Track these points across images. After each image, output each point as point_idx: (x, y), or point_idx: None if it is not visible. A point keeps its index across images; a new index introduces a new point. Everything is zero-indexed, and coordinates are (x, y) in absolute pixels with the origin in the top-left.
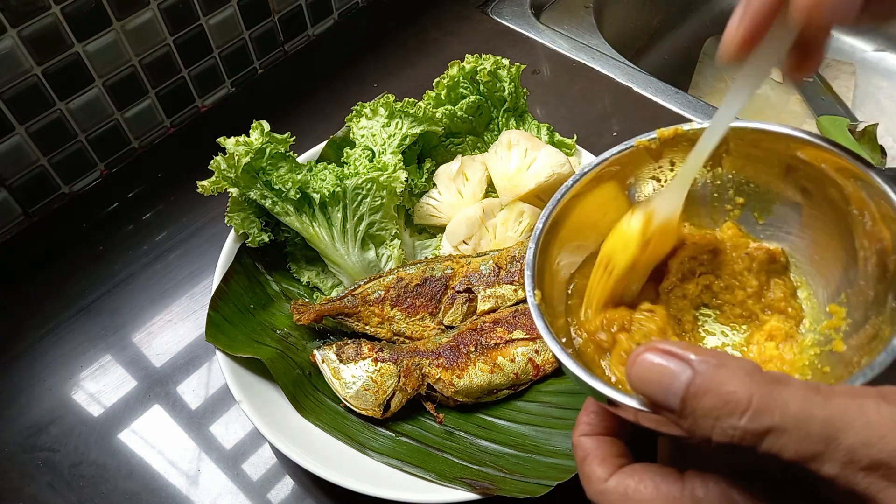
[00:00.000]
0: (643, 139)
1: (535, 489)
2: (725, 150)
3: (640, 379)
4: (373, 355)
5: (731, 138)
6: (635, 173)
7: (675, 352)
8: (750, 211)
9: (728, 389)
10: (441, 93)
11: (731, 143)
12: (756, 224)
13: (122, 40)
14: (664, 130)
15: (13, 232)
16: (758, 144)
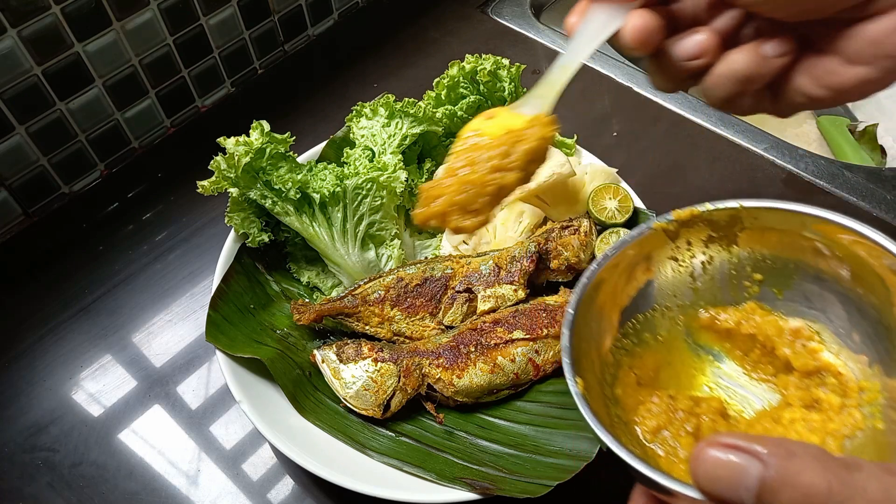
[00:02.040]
0: (661, 221)
1: (535, 489)
2: (741, 228)
3: (707, 477)
4: (373, 355)
5: (745, 217)
6: (654, 254)
7: (740, 445)
8: (769, 287)
9: (805, 481)
10: (441, 93)
11: (746, 221)
12: (776, 299)
13: (122, 40)
14: (680, 212)
15: (13, 232)
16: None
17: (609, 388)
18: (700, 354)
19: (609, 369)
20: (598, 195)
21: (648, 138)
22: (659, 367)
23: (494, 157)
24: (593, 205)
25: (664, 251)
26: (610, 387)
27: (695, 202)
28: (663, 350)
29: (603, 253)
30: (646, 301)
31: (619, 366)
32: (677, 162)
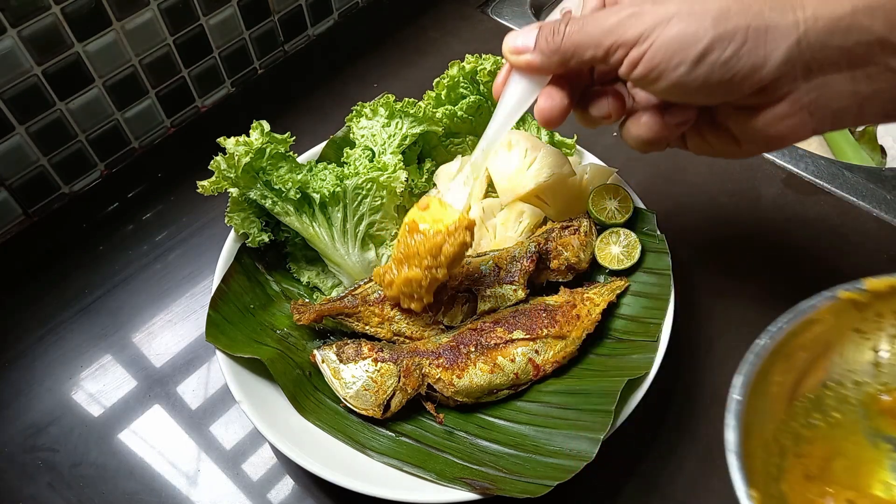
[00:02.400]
0: (850, 291)
1: (535, 489)
2: None
3: None
4: (373, 355)
5: None
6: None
7: None
8: None
9: None
10: (441, 93)
11: None
12: None
13: (122, 40)
14: (875, 282)
15: (13, 232)
16: None
17: (774, 484)
18: (878, 444)
19: (773, 459)
20: (598, 195)
21: None
22: (830, 456)
23: (426, 258)
24: (593, 205)
25: (848, 322)
26: (776, 481)
27: (695, 202)
28: (836, 436)
29: (777, 324)
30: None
31: (784, 454)
32: (677, 162)
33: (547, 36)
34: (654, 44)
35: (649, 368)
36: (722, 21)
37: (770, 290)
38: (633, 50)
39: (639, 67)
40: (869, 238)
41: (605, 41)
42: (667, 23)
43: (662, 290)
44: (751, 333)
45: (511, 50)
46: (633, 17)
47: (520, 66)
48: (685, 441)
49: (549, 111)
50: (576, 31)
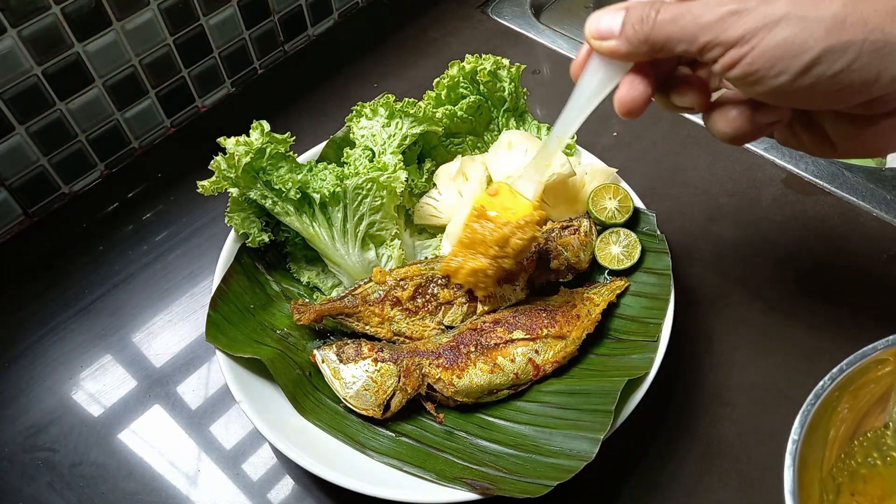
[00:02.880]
0: None
1: (535, 489)
2: None
3: None
4: (373, 355)
5: None
6: None
7: None
8: None
9: None
10: (441, 93)
11: None
12: None
13: (122, 40)
14: None
15: (13, 232)
16: None
17: None
18: None
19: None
20: (598, 195)
21: (648, 138)
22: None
23: (493, 248)
24: (593, 205)
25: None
26: None
27: (695, 202)
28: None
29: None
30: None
31: (839, 492)
32: (677, 162)
33: (635, 23)
34: (757, 48)
35: (649, 368)
36: (836, 31)
37: (770, 291)
38: (732, 50)
39: (736, 69)
40: (869, 238)
41: (700, 37)
42: (774, 26)
43: (662, 290)
44: (751, 333)
45: (594, 33)
46: (736, 16)
47: (603, 51)
48: (685, 441)
49: (630, 102)
50: (668, 21)
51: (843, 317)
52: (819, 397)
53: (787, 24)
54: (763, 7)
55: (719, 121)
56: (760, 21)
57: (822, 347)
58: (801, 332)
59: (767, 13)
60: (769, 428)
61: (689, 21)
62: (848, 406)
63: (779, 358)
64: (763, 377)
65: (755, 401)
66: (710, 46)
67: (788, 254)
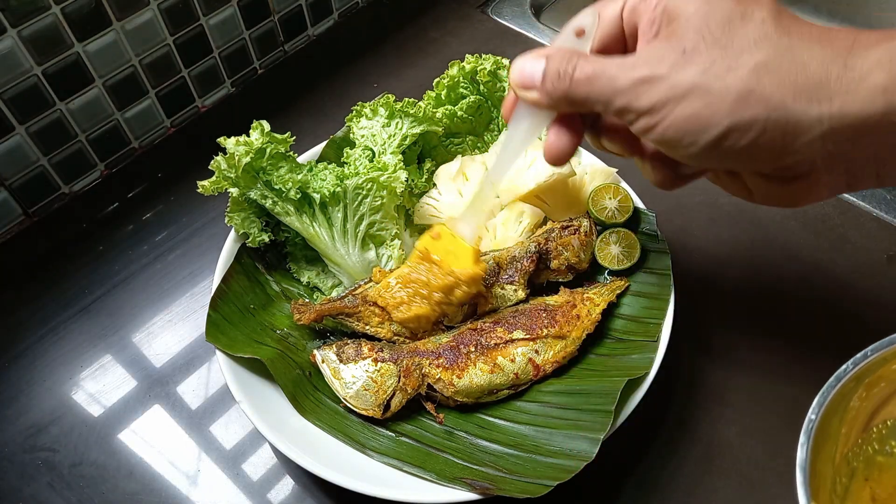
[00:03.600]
0: None
1: (535, 489)
2: None
3: None
4: (373, 355)
5: None
6: None
7: None
8: None
9: None
10: (441, 93)
11: None
12: None
13: (122, 40)
14: None
15: (13, 232)
16: None
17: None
18: None
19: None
20: (598, 195)
21: None
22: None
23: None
24: (593, 205)
25: None
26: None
27: (695, 202)
28: None
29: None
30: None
31: (853, 476)
32: None
33: (553, 79)
34: (666, 120)
35: (649, 368)
36: (741, 107)
37: (770, 290)
38: (644, 118)
39: (649, 135)
40: (869, 238)
41: (615, 101)
42: (681, 99)
43: (662, 290)
44: (751, 333)
45: (518, 83)
46: (647, 85)
47: (527, 101)
48: (685, 441)
49: (557, 151)
50: (583, 80)
51: (843, 317)
52: (840, 380)
53: (694, 98)
54: (673, 76)
55: (646, 170)
56: (669, 93)
57: (822, 347)
58: (801, 331)
59: (675, 84)
60: (769, 428)
61: (604, 84)
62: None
63: (779, 358)
64: (763, 377)
65: (755, 401)
66: (624, 111)
67: (788, 254)
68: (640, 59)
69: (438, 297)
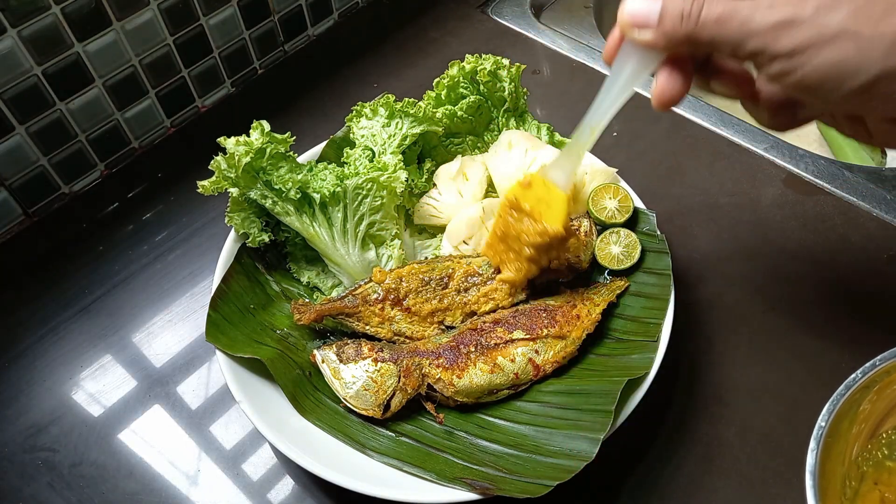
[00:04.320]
0: None
1: (535, 489)
2: None
3: None
4: (373, 355)
5: None
6: None
7: None
8: None
9: None
10: (441, 93)
11: None
12: None
13: (122, 40)
14: None
15: (13, 232)
16: None
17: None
18: None
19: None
20: (598, 195)
21: (648, 138)
22: None
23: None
24: (593, 205)
25: None
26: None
27: (695, 202)
28: None
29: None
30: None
31: (862, 479)
32: (677, 162)
33: (675, 19)
34: (809, 64)
35: (649, 368)
36: (894, 54)
37: (770, 291)
38: (782, 62)
39: (785, 79)
40: (869, 238)
41: (748, 44)
42: (829, 42)
43: (662, 290)
44: (751, 333)
45: (630, 21)
46: (789, 27)
47: (638, 42)
48: (685, 441)
49: (668, 95)
50: (712, 21)
51: (842, 317)
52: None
53: (843, 43)
54: (819, 17)
55: (758, 113)
56: (815, 36)
57: (821, 347)
58: (801, 332)
59: (822, 26)
60: (769, 428)
61: (737, 25)
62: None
63: (779, 358)
64: (763, 377)
65: (755, 401)
66: (757, 54)
67: (788, 254)
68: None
69: (530, 252)
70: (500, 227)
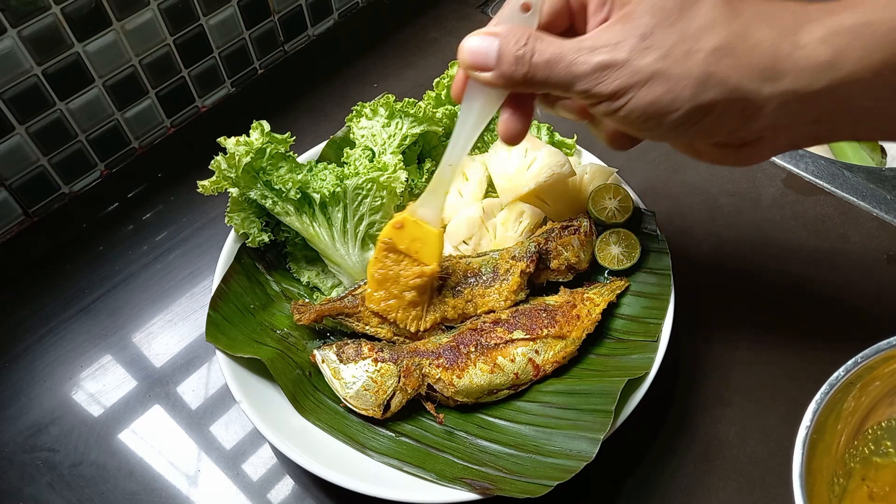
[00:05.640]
0: None
1: (535, 489)
2: None
3: None
4: (373, 355)
5: None
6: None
7: None
8: None
9: None
10: (441, 93)
11: None
12: None
13: (122, 40)
14: None
15: (13, 232)
16: None
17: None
18: None
19: (839, 479)
20: (598, 195)
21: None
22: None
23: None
24: (593, 205)
25: None
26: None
27: (695, 202)
28: None
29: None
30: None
31: (850, 475)
32: (677, 162)
33: (510, 62)
34: (629, 104)
35: (649, 368)
36: (701, 90)
37: (770, 291)
38: (605, 103)
39: (612, 116)
40: (869, 238)
41: (575, 85)
42: (644, 84)
43: (662, 290)
44: (751, 333)
45: (470, 64)
46: (608, 70)
47: (480, 82)
48: (685, 441)
49: (513, 131)
50: (543, 65)
51: (842, 317)
52: (833, 387)
53: (656, 83)
54: (633, 61)
55: (599, 134)
56: (631, 78)
57: (821, 347)
58: (801, 332)
59: (637, 70)
60: (769, 428)
61: (564, 68)
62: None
63: (779, 358)
64: (763, 377)
65: (755, 401)
66: (585, 94)
67: (788, 254)
68: (598, 43)
69: (412, 295)
70: (378, 270)
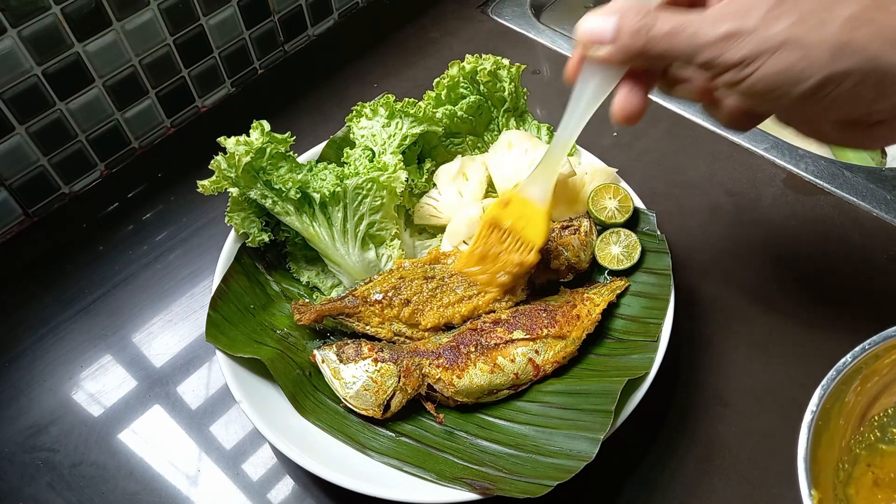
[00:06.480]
0: None
1: (535, 489)
2: None
3: None
4: (373, 355)
5: None
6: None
7: None
8: None
9: None
10: (441, 93)
11: None
12: None
13: (122, 40)
14: None
15: (13, 232)
16: None
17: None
18: None
19: (844, 466)
20: (598, 195)
21: (648, 138)
22: None
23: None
24: (593, 205)
25: None
26: (843, 485)
27: (695, 202)
28: None
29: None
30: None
31: (855, 461)
32: (677, 162)
33: (629, 35)
34: (757, 73)
35: (649, 368)
36: (836, 59)
37: (770, 291)
38: (731, 72)
39: (735, 87)
40: (869, 238)
41: (699, 56)
42: (774, 51)
43: (662, 290)
44: (751, 333)
45: (588, 39)
46: (735, 39)
47: (597, 60)
48: (685, 441)
49: (629, 110)
50: (664, 36)
51: (842, 317)
52: (840, 372)
53: (788, 51)
54: (763, 30)
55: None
56: (761, 46)
57: (821, 347)
58: (801, 331)
59: (768, 37)
60: (769, 428)
61: (686, 38)
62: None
63: (778, 358)
64: (763, 377)
65: (755, 401)
66: (708, 65)
67: (788, 254)
68: (724, 13)
69: (504, 279)
70: (480, 246)
